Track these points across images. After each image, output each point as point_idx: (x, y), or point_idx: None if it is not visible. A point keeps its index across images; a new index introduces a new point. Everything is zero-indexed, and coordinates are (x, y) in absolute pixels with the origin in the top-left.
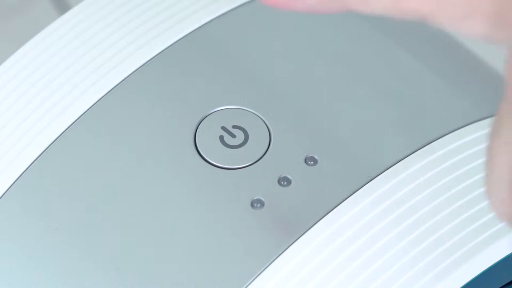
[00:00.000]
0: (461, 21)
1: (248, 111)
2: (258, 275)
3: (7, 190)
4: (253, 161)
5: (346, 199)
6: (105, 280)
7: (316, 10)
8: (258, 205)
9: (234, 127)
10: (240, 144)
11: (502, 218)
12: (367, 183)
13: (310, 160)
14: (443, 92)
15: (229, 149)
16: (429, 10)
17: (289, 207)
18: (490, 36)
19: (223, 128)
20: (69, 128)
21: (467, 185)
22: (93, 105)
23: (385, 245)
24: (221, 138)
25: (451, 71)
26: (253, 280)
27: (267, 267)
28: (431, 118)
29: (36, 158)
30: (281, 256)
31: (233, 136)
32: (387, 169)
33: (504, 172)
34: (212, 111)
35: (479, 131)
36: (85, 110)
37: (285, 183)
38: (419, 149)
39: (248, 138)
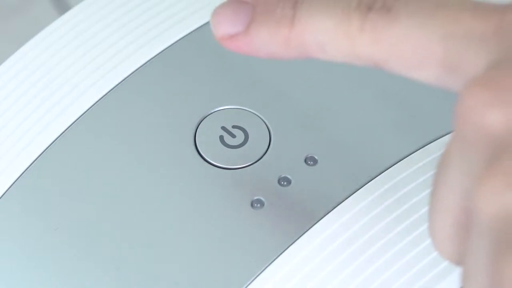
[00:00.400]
0: (413, 69)
1: (248, 111)
2: (258, 275)
3: (7, 190)
4: (253, 161)
5: (346, 199)
6: (105, 280)
7: (277, 56)
8: (258, 205)
9: (234, 127)
10: (240, 144)
11: (444, 258)
12: (367, 183)
13: (310, 160)
14: (442, 93)
15: (229, 149)
16: (382, 58)
17: (289, 207)
18: (442, 82)
19: (223, 128)
20: (69, 128)
21: None
22: (93, 105)
23: (385, 245)
24: (221, 138)
25: None
26: (253, 280)
27: (267, 267)
28: (431, 118)
29: (36, 158)
30: (281, 256)
31: (233, 136)
32: (387, 169)
33: (448, 215)
34: (212, 111)
35: None
36: (85, 110)
37: (285, 183)
38: (418, 150)
39: (248, 138)
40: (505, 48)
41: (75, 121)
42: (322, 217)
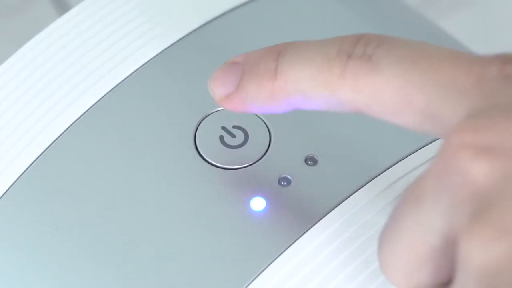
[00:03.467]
0: (395, 115)
1: None
2: (258, 275)
3: (7, 190)
4: (253, 161)
5: (346, 199)
6: (105, 280)
7: (267, 110)
8: None
9: (234, 127)
10: (240, 144)
11: (395, 285)
12: (367, 183)
13: (310, 160)
14: None
15: (229, 149)
16: (363, 104)
17: (289, 207)
18: (423, 128)
19: (223, 128)
20: (69, 128)
21: None
22: (93, 105)
23: None
24: (221, 138)
25: None
26: (253, 280)
27: (267, 267)
28: None
29: (36, 158)
30: (281, 256)
31: (233, 136)
32: (387, 169)
33: (410, 249)
34: (212, 111)
35: None
36: (85, 110)
37: (285, 183)
38: (419, 149)
39: (248, 138)
40: (485, 99)
41: (75, 121)
42: (322, 217)
